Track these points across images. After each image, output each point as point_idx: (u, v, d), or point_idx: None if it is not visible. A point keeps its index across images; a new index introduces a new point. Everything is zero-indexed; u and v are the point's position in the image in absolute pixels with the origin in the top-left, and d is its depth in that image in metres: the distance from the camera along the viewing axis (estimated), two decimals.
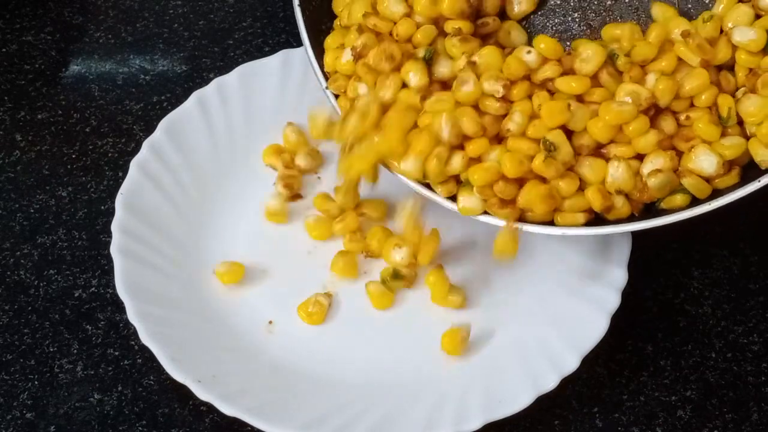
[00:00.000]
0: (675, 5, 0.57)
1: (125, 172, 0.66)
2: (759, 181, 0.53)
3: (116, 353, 0.61)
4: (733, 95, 0.54)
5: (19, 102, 0.75)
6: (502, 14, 0.59)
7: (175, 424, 0.58)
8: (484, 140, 0.55)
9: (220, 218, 0.66)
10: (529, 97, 0.55)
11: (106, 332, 0.62)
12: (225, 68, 0.74)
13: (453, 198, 0.57)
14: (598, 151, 0.55)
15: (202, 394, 0.56)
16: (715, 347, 0.62)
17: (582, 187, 0.55)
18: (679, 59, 0.55)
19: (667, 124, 0.54)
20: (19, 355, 0.61)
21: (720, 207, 0.54)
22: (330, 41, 0.61)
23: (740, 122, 0.54)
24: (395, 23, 0.57)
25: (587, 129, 0.55)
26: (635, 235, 0.62)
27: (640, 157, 0.55)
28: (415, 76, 0.56)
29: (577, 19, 0.59)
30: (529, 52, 0.55)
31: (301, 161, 0.68)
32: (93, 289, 0.64)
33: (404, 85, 0.57)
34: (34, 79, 0.77)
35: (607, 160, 0.55)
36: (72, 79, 0.77)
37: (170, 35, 0.80)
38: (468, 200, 0.56)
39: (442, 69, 0.57)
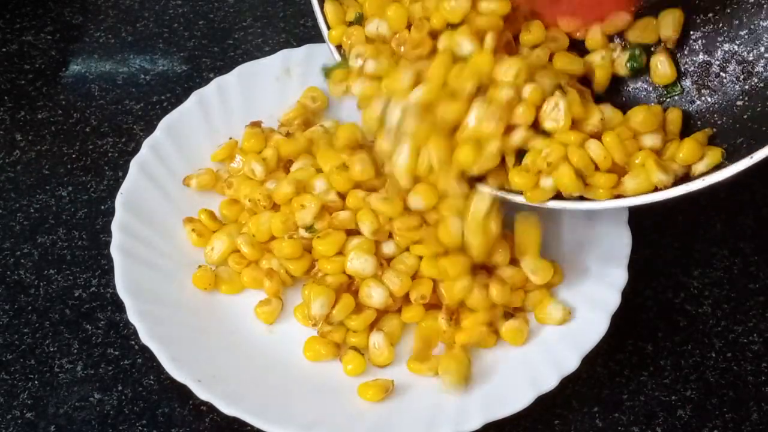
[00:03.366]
0: None
1: (125, 171, 0.66)
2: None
3: (116, 353, 0.61)
4: None
5: (19, 102, 0.75)
6: None
7: (175, 424, 0.58)
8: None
9: None
10: None
11: (106, 332, 0.62)
12: (225, 68, 0.74)
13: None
14: None
15: (202, 394, 0.56)
16: (715, 347, 0.62)
17: None
18: None
19: None
20: (19, 354, 0.61)
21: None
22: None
23: None
24: None
25: None
26: (635, 234, 0.62)
27: None
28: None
29: None
30: None
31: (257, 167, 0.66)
32: (93, 288, 0.64)
33: None
34: (34, 79, 0.77)
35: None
36: (72, 79, 0.77)
37: (170, 35, 0.80)
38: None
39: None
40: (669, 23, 0.58)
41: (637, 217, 0.64)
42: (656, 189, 0.54)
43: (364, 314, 0.60)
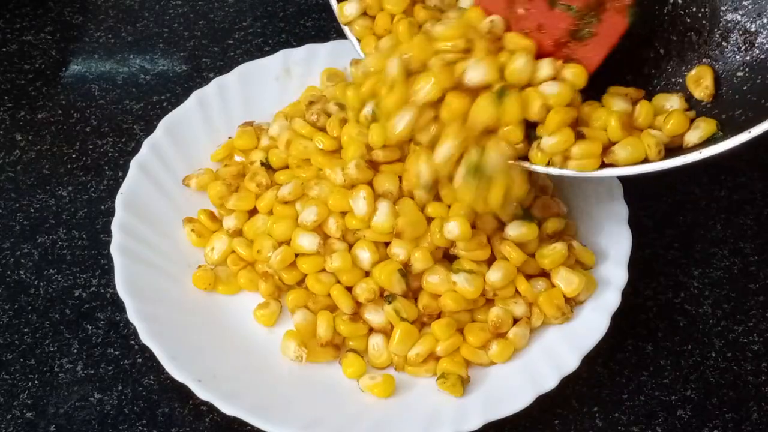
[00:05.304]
0: None
1: (125, 171, 0.66)
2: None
3: (116, 353, 0.61)
4: None
5: (19, 102, 0.75)
6: None
7: (175, 424, 0.58)
8: None
9: None
10: None
11: (106, 332, 0.62)
12: (225, 68, 0.74)
13: None
14: None
15: (202, 393, 0.56)
16: (715, 347, 0.62)
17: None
18: None
19: None
20: (19, 354, 0.61)
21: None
22: None
23: None
24: None
25: None
26: (635, 234, 0.62)
27: None
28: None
29: None
30: None
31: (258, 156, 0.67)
32: (93, 288, 0.64)
33: None
34: (34, 79, 0.77)
35: None
36: (72, 79, 0.77)
37: (170, 35, 0.80)
38: None
39: None
40: None
41: (637, 217, 0.64)
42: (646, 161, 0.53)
43: (359, 324, 0.59)
